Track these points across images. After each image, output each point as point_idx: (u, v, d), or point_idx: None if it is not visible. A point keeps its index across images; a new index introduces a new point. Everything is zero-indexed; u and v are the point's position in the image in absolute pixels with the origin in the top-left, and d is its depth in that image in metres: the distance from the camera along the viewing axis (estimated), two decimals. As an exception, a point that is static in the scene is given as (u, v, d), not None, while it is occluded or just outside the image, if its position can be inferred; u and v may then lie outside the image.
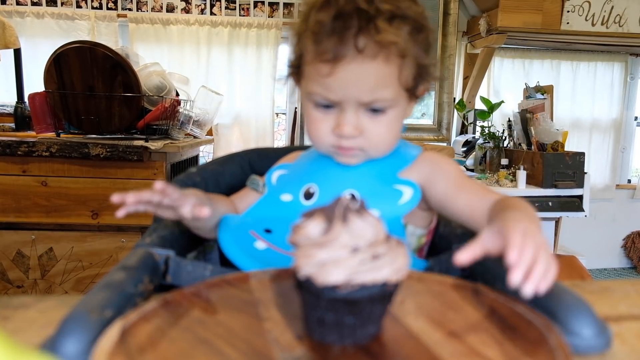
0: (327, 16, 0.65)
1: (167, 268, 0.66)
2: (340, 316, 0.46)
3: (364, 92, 0.67)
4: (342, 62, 0.65)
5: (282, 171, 0.83)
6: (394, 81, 0.68)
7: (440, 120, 3.66)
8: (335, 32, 0.64)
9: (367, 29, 0.64)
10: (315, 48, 0.67)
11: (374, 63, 0.66)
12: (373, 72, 0.66)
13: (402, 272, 0.47)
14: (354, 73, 0.66)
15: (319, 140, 0.74)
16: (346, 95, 0.68)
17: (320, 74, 0.67)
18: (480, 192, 0.73)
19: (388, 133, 0.72)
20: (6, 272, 1.93)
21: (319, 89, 0.69)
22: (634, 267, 4.01)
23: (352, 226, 0.46)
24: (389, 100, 0.69)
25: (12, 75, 2.65)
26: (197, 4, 3.38)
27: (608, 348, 0.49)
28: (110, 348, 0.43)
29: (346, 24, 0.64)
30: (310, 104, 0.72)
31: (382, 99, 0.69)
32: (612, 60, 3.88)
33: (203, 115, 2.53)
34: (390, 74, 0.67)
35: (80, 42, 1.99)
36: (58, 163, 1.90)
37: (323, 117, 0.72)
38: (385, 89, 0.68)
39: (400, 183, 0.75)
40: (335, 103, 0.70)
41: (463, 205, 0.73)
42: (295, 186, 0.78)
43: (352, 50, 0.64)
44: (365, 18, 0.64)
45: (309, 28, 0.68)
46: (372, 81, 0.67)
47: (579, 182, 2.81)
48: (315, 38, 0.66)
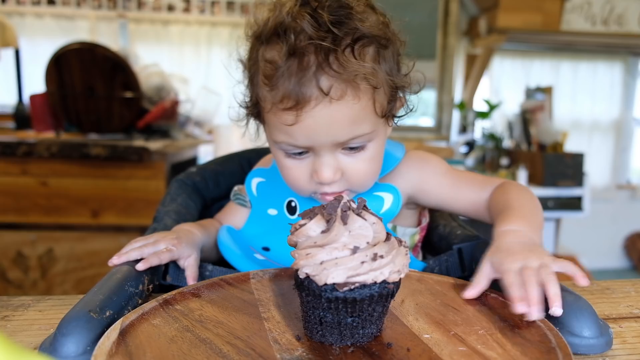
0: (278, 54, 0.57)
1: (167, 268, 0.66)
2: (340, 316, 0.46)
3: (338, 135, 0.59)
4: (306, 108, 0.56)
5: (260, 179, 0.78)
6: (369, 114, 0.60)
7: (440, 120, 3.66)
8: (292, 74, 0.55)
9: (327, 64, 0.55)
10: (272, 95, 0.58)
11: (343, 102, 0.57)
12: (344, 112, 0.58)
13: (402, 272, 0.47)
14: (322, 117, 0.57)
15: (298, 188, 0.67)
16: (317, 141, 0.60)
17: (284, 123, 0.59)
18: (477, 184, 0.73)
19: (370, 168, 0.65)
20: (6, 272, 1.93)
21: (285, 137, 0.61)
22: (634, 267, 4.01)
23: (352, 226, 0.46)
24: (367, 134, 0.61)
25: (12, 75, 2.65)
26: (197, 4, 3.38)
27: (609, 348, 0.49)
28: (110, 348, 0.43)
29: (303, 63, 0.55)
30: (280, 152, 0.64)
31: (360, 136, 0.61)
32: (612, 60, 3.88)
33: (203, 115, 2.53)
34: (363, 107, 0.59)
35: (80, 43, 1.99)
36: (58, 163, 1.90)
37: (297, 165, 0.64)
38: (362, 125, 0.60)
39: (380, 189, 0.72)
40: (308, 149, 0.62)
41: (464, 203, 0.73)
42: (278, 200, 0.75)
43: (316, 92, 0.56)
44: (324, 52, 0.55)
45: (260, 70, 0.60)
46: (345, 121, 0.59)
47: (579, 182, 2.81)
48: (270, 82, 0.58)
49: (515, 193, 0.67)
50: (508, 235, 0.58)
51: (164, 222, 0.77)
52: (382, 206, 0.71)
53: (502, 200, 0.66)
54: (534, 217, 0.62)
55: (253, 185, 0.78)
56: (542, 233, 0.61)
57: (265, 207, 0.76)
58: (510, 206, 0.64)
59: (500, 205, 0.66)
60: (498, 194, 0.69)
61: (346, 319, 0.46)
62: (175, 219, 0.78)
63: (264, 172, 0.79)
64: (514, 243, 0.56)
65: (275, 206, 0.75)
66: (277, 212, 0.74)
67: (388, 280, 0.46)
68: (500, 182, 0.71)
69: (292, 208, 0.73)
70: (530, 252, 0.54)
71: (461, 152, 3.30)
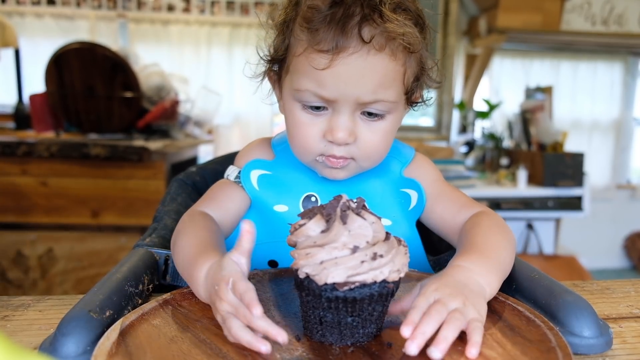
0: (322, 2, 0.57)
1: (167, 268, 0.66)
2: (340, 316, 0.46)
3: (365, 91, 0.58)
4: (343, 54, 0.56)
5: (262, 171, 0.71)
6: (398, 80, 0.60)
7: (440, 120, 3.66)
8: (335, 20, 0.56)
9: (372, 17, 0.56)
10: (310, 37, 0.57)
11: (379, 57, 0.57)
12: (378, 67, 0.57)
13: (402, 271, 0.47)
14: (356, 67, 0.57)
15: (306, 147, 0.64)
16: (344, 93, 0.58)
17: (315, 67, 0.58)
18: (456, 204, 0.69)
19: (383, 142, 0.64)
20: (6, 272, 1.93)
21: (311, 84, 0.59)
22: (634, 267, 4.01)
23: (351, 225, 0.46)
24: (391, 102, 0.61)
25: (12, 75, 2.65)
26: (197, 4, 3.38)
27: (609, 348, 0.49)
28: (110, 348, 0.43)
29: (348, 11, 0.56)
30: (297, 105, 0.62)
31: (384, 100, 0.60)
32: (612, 60, 3.88)
33: (203, 115, 2.53)
34: (395, 71, 0.59)
35: (80, 43, 1.99)
36: (58, 163, 1.90)
37: (312, 121, 0.62)
38: (389, 89, 0.60)
39: (407, 185, 0.71)
40: (329, 103, 0.60)
41: (437, 219, 0.70)
42: (290, 195, 0.69)
43: (356, 40, 0.56)
44: (369, 5, 0.56)
45: (300, 14, 0.59)
46: (377, 78, 0.58)
47: (579, 182, 2.82)
48: (309, 26, 0.57)
49: (487, 228, 0.62)
50: (455, 269, 0.53)
51: (164, 222, 0.77)
52: (410, 203, 0.71)
53: (470, 233, 0.62)
54: (496, 258, 0.56)
55: (253, 178, 0.70)
56: (499, 278, 0.54)
57: (271, 203, 0.69)
58: (474, 241, 0.59)
59: (467, 237, 0.61)
60: (470, 224, 0.64)
61: (346, 318, 0.46)
62: (175, 219, 0.78)
63: (267, 164, 0.71)
64: (455, 279, 0.51)
65: (286, 202, 0.69)
66: (287, 209, 0.69)
67: (388, 280, 0.46)
68: (479, 210, 0.67)
69: (311, 204, 0.68)
70: (461, 293, 0.48)
71: (461, 152, 3.30)
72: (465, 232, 0.63)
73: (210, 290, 0.50)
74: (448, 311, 0.46)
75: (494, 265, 0.55)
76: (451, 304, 0.46)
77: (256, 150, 0.74)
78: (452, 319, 0.45)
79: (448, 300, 0.46)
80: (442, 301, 0.46)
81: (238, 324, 0.45)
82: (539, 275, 0.58)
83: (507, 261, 0.58)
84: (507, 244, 0.59)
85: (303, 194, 0.70)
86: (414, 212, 0.71)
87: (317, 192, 0.70)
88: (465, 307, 0.46)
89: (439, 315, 0.45)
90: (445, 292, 0.48)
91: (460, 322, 0.45)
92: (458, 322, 0.44)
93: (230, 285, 0.46)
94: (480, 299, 0.49)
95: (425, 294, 0.48)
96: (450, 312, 0.45)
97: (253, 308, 0.43)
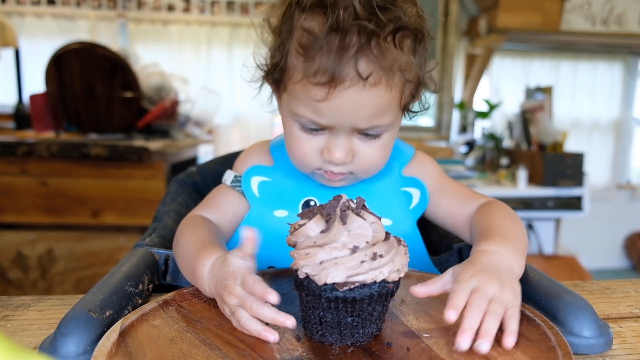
0: (319, 26, 0.55)
1: (167, 268, 0.66)
2: (340, 316, 0.46)
3: (361, 119, 0.59)
4: (339, 87, 0.55)
5: (262, 177, 0.71)
6: (394, 105, 0.60)
7: (440, 120, 3.66)
8: (332, 50, 0.54)
9: (369, 48, 0.55)
10: (305, 66, 0.57)
11: (375, 89, 0.57)
12: (375, 99, 0.57)
13: (402, 271, 0.47)
14: (352, 99, 0.57)
15: (304, 162, 0.65)
16: (341, 121, 0.59)
17: (312, 98, 0.58)
18: (462, 197, 0.70)
19: (381, 156, 0.65)
20: (6, 272, 1.93)
21: (308, 113, 0.60)
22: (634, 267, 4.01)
23: (351, 226, 0.46)
24: (387, 125, 0.62)
25: (12, 75, 2.65)
26: (197, 4, 3.38)
27: (609, 348, 0.49)
28: (110, 349, 0.43)
29: (344, 41, 0.54)
30: (295, 125, 0.63)
31: (381, 126, 0.61)
32: (612, 60, 3.88)
33: (203, 115, 2.53)
34: (392, 99, 0.59)
35: (80, 43, 1.99)
36: (58, 163, 1.90)
37: (309, 139, 0.63)
38: (385, 115, 0.60)
39: (407, 184, 0.72)
40: (326, 127, 0.61)
41: (444, 213, 0.71)
42: (289, 199, 0.70)
43: (353, 73, 0.55)
44: (367, 34, 0.54)
45: (295, 37, 0.58)
46: (373, 108, 0.58)
47: (579, 182, 2.82)
48: (305, 53, 0.56)
49: (500, 213, 0.63)
50: (483, 254, 0.53)
51: (164, 222, 0.77)
52: (411, 202, 0.71)
53: (484, 220, 0.63)
54: (517, 240, 0.57)
55: (254, 185, 0.71)
56: (524, 258, 0.56)
57: (271, 208, 0.70)
58: (492, 226, 0.60)
59: (482, 224, 0.62)
60: (481, 212, 0.65)
61: (346, 318, 0.46)
62: (175, 219, 0.78)
63: (267, 170, 0.72)
64: (486, 263, 0.52)
65: (286, 207, 0.69)
66: (287, 214, 0.69)
67: (388, 280, 0.46)
68: (486, 200, 0.68)
69: None
70: (497, 277, 0.49)
71: (461, 152, 3.30)
72: (479, 220, 0.64)
73: (217, 285, 0.52)
74: (488, 299, 0.47)
75: (517, 246, 0.56)
76: (490, 290, 0.48)
77: (255, 155, 0.75)
78: (493, 310, 0.46)
79: (487, 287, 0.48)
80: (481, 289, 0.47)
81: (246, 315, 0.47)
82: (539, 275, 0.58)
83: (525, 242, 0.59)
84: (522, 227, 0.62)
85: (302, 199, 0.70)
86: (416, 210, 0.71)
87: (316, 196, 0.70)
88: (502, 292, 0.48)
89: (481, 305, 0.46)
90: (482, 277, 0.49)
91: (499, 312, 0.46)
92: (498, 313, 0.46)
93: (239, 280, 0.49)
94: (514, 279, 0.51)
95: (464, 280, 0.49)
96: (490, 303, 0.47)
97: (269, 295, 0.46)
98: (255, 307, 0.47)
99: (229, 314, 0.50)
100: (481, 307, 0.46)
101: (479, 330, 0.45)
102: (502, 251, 0.54)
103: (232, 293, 0.49)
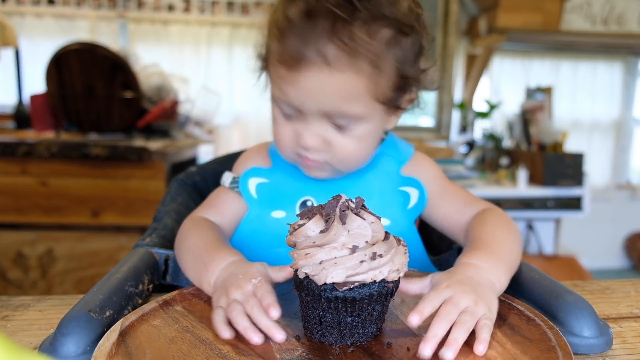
0: (297, 12, 0.57)
1: (167, 268, 0.66)
2: (340, 316, 0.46)
3: (327, 104, 0.59)
4: (303, 68, 0.57)
5: (260, 179, 0.72)
6: (364, 95, 0.59)
7: (440, 120, 3.66)
8: (302, 34, 0.56)
9: (338, 33, 0.55)
10: (277, 47, 0.59)
11: (340, 74, 0.56)
12: (340, 83, 0.57)
13: (402, 271, 0.47)
14: (317, 82, 0.57)
15: (282, 146, 0.66)
16: (307, 105, 0.59)
17: (280, 78, 0.60)
18: (461, 201, 0.69)
19: (357, 148, 0.63)
20: (6, 272, 1.93)
21: (279, 93, 0.61)
22: (634, 267, 4.01)
23: (350, 225, 0.46)
24: (358, 115, 0.60)
25: (12, 75, 2.65)
26: (197, 4, 3.38)
27: (609, 348, 0.49)
28: (110, 349, 0.43)
29: (315, 25, 0.55)
30: (277, 110, 0.65)
31: (349, 115, 0.60)
32: (612, 60, 3.88)
33: (203, 115, 2.53)
34: (359, 87, 0.58)
35: (80, 43, 1.99)
36: (58, 163, 1.90)
37: (287, 124, 0.64)
38: (353, 104, 0.59)
39: (406, 184, 0.71)
40: (297, 111, 0.61)
41: (441, 216, 0.70)
42: (286, 200, 0.70)
43: (316, 56, 0.56)
44: (339, 20, 0.55)
45: (275, 22, 0.60)
46: (338, 94, 0.58)
47: (579, 182, 2.82)
48: (279, 35, 0.58)
49: (494, 224, 0.63)
50: (466, 267, 0.54)
51: (164, 222, 0.77)
52: (409, 202, 0.70)
53: (477, 230, 0.62)
54: (504, 255, 0.57)
55: (251, 187, 0.71)
56: (508, 274, 0.55)
57: (269, 209, 0.70)
58: (482, 238, 0.59)
59: (474, 234, 0.62)
60: (476, 221, 0.65)
61: (346, 318, 0.46)
62: (176, 219, 0.78)
63: (264, 171, 0.72)
64: (466, 276, 0.52)
65: (283, 207, 0.69)
66: (285, 214, 0.69)
67: (387, 279, 0.46)
68: (484, 207, 0.67)
69: None
70: (473, 291, 0.49)
71: (461, 152, 3.30)
72: (471, 230, 0.63)
73: (228, 278, 0.53)
74: (459, 311, 0.47)
75: (502, 261, 0.56)
76: (462, 303, 0.47)
77: (253, 157, 0.75)
78: (462, 321, 0.46)
79: (459, 299, 0.48)
80: (453, 300, 0.48)
81: (240, 310, 0.48)
82: (539, 275, 0.58)
83: (514, 256, 0.59)
84: (514, 240, 0.61)
85: (299, 199, 0.70)
86: (414, 210, 0.71)
87: (313, 195, 0.70)
88: (476, 305, 0.48)
89: (449, 316, 0.46)
90: (457, 289, 0.49)
91: (470, 323, 0.46)
92: (468, 324, 0.46)
93: (257, 281, 0.51)
94: (491, 295, 0.51)
95: (438, 290, 0.49)
96: (461, 314, 0.47)
97: (273, 309, 0.47)
98: (256, 310, 0.48)
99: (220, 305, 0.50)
100: (449, 318, 0.46)
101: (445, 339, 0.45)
102: (484, 265, 0.54)
103: (241, 288, 0.50)
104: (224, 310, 0.49)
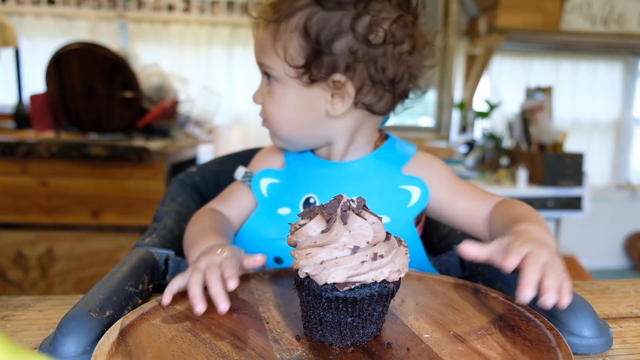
0: None
1: (167, 268, 0.66)
2: (341, 316, 0.46)
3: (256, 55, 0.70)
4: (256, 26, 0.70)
5: (272, 179, 0.75)
6: (270, 48, 0.67)
7: (440, 120, 3.66)
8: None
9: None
10: None
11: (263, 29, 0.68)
12: (260, 36, 0.69)
13: (402, 272, 0.47)
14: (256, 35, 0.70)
15: None
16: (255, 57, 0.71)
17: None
18: (477, 196, 0.71)
19: (280, 111, 0.69)
20: (6, 272, 1.93)
21: None
22: (634, 267, 4.01)
23: (352, 226, 0.46)
24: (269, 67, 0.68)
25: (12, 75, 2.65)
26: (197, 4, 3.38)
27: (609, 348, 0.49)
28: (110, 348, 0.43)
29: None
30: None
31: (264, 65, 0.69)
32: (612, 60, 3.88)
33: (203, 115, 2.53)
34: (268, 39, 0.67)
35: (80, 43, 1.99)
36: (58, 163, 1.90)
37: None
38: (265, 56, 0.68)
39: (407, 182, 0.71)
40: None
41: (461, 212, 0.71)
42: (292, 198, 0.72)
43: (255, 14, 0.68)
44: None
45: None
46: (258, 45, 0.69)
47: (579, 182, 2.82)
48: None
49: (519, 206, 0.65)
50: (523, 232, 0.55)
51: (164, 222, 0.77)
52: (410, 200, 0.71)
53: (508, 212, 0.64)
54: (544, 225, 0.59)
55: (263, 186, 0.74)
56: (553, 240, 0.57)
57: (276, 206, 0.72)
58: (518, 215, 0.62)
59: (507, 216, 0.63)
60: (502, 209, 0.67)
61: (346, 318, 0.46)
62: (176, 219, 0.78)
63: (277, 173, 0.75)
64: (532, 237, 0.53)
65: (289, 204, 0.72)
66: (290, 211, 0.71)
67: (388, 280, 0.46)
68: (502, 198, 0.70)
69: (310, 205, 0.71)
70: (546, 246, 0.51)
71: (461, 152, 3.30)
72: (501, 215, 0.65)
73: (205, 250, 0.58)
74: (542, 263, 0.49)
75: (546, 229, 0.59)
76: (542, 256, 0.50)
77: (268, 158, 0.79)
78: (551, 270, 0.48)
79: (539, 252, 0.50)
80: (534, 253, 0.50)
81: (198, 278, 0.52)
82: (539, 275, 0.58)
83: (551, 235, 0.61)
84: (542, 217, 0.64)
85: (303, 196, 0.71)
86: (414, 208, 0.71)
87: (316, 193, 0.71)
88: (553, 259, 0.50)
89: (538, 263, 0.48)
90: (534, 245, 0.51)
91: (557, 266, 0.49)
92: (555, 267, 0.48)
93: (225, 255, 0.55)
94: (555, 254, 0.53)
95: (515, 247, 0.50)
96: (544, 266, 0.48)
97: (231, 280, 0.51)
98: (213, 277, 0.52)
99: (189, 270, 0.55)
100: (539, 264, 0.48)
101: (540, 287, 0.47)
102: (537, 230, 0.56)
103: (208, 258, 0.55)
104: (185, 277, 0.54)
